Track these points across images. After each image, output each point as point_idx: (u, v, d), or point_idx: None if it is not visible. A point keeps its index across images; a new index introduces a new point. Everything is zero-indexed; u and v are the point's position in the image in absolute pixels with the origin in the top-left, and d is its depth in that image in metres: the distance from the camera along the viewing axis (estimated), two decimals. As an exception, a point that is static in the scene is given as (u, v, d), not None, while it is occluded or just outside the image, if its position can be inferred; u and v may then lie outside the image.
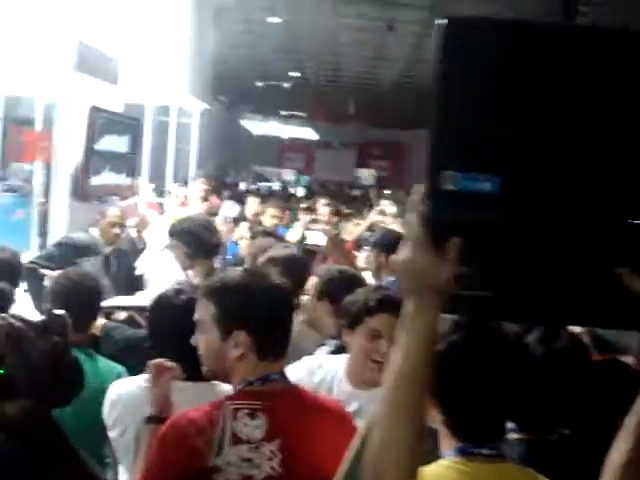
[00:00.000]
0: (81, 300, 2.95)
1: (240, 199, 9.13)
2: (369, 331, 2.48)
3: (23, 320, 1.50)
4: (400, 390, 1.17)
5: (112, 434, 2.32)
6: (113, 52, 7.00)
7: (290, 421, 1.91)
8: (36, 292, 4.28)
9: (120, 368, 2.90)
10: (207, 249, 4.15)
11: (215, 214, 6.93)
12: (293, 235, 6.74)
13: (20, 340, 1.45)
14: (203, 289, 2.08)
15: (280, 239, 5.53)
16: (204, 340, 1.99)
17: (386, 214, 7.56)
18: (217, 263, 4.58)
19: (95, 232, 5.04)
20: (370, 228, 6.89)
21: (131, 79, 7.67)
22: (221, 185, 9.18)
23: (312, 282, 3.59)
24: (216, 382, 2.21)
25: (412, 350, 1.16)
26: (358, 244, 6.47)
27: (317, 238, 6.34)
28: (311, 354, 2.90)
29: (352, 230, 7.40)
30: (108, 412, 2.31)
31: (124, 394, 2.33)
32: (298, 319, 3.56)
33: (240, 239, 6.25)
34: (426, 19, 12.25)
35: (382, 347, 2.40)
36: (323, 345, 3.06)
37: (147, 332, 2.68)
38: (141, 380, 2.28)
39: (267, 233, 5.91)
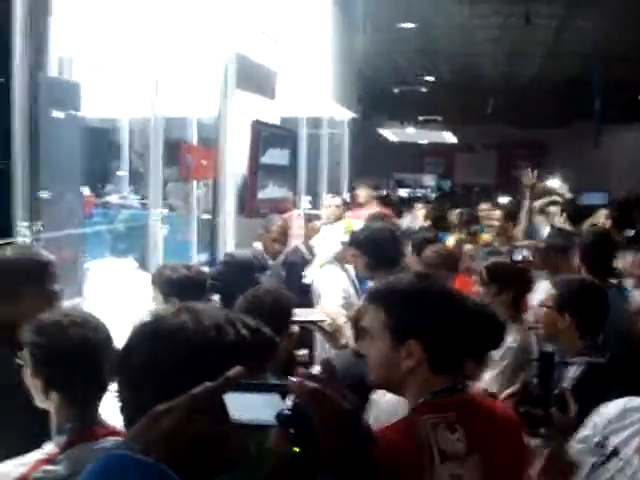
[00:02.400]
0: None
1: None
2: None
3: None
4: None
5: None
6: (271, 66, 7.03)
7: (482, 432, 1.77)
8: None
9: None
10: (389, 260, 3.97)
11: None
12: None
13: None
14: (372, 294, 1.94)
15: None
16: (373, 348, 1.84)
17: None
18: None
19: (259, 246, 5.00)
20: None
21: (285, 92, 7.71)
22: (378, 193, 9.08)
23: (549, 293, 3.35)
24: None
25: None
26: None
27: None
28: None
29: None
30: None
31: None
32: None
33: None
34: (563, 12, 11.80)
35: None
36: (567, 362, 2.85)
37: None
38: None
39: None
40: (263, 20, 6.69)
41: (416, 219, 8.73)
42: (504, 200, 13.22)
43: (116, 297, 6.73)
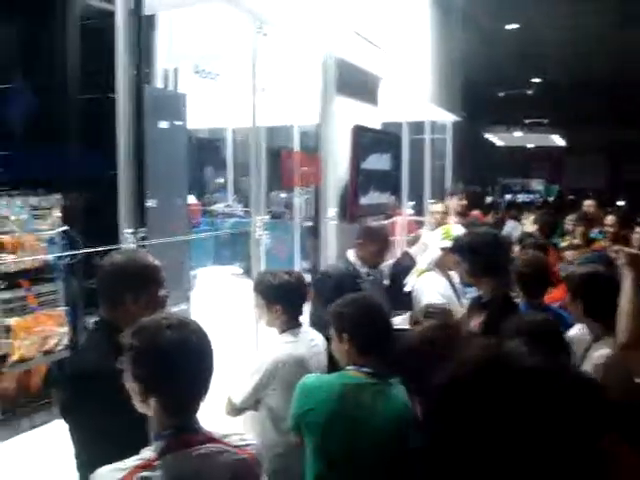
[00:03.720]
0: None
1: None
2: None
3: None
4: None
5: None
6: (374, 72, 7.00)
7: None
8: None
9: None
10: (492, 266, 3.83)
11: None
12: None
13: None
14: None
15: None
16: None
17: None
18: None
19: (351, 255, 4.93)
20: None
21: (388, 96, 7.66)
22: (479, 199, 8.88)
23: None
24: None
25: None
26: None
27: None
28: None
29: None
30: None
31: None
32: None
33: None
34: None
35: None
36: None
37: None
38: None
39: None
40: (364, 25, 6.66)
41: (519, 226, 8.47)
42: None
43: (221, 303, 6.86)
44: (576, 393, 1.10)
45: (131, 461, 1.91)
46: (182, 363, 1.97)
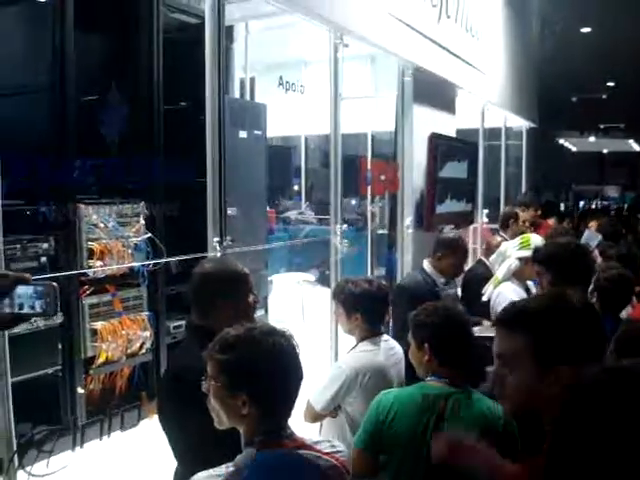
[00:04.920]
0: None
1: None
2: None
3: None
4: None
5: None
6: (449, 79, 6.99)
7: None
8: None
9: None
10: (575, 276, 3.77)
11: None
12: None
13: None
14: (506, 319, 1.82)
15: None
16: (515, 376, 1.75)
17: None
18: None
19: (427, 265, 4.91)
20: None
21: (462, 104, 7.64)
22: (553, 207, 8.69)
23: None
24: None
25: None
26: None
27: None
28: None
29: None
30: None
31: None
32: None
33: None
34: None
35: None
36: None
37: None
38: None
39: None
40: (440, 34, 6.66)
41: (597, 235, 8.27)
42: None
43: (295, 310, 6.94)
44: None
45: (225, 467, 1.95)
46: (282, 369, 2.01)
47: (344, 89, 5.94)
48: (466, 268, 6.13)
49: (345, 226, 5.41)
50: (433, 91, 6.70)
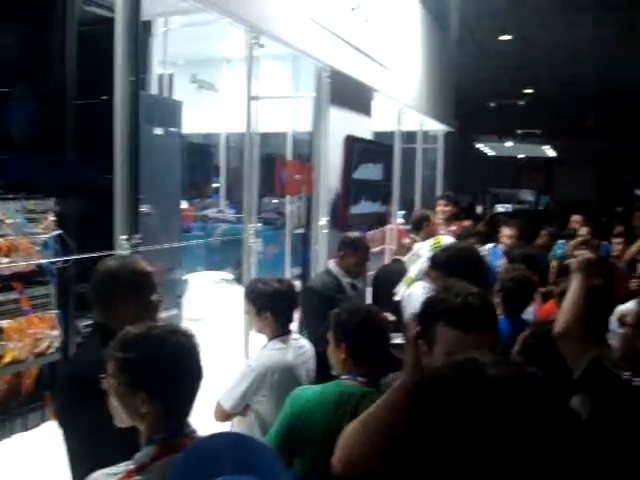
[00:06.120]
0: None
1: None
2: None
3: None
4: None
5: None
6: (365, 82, 7.06)
7: None
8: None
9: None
10: (471, 282, 3.86)
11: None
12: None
13: None
14: None
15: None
16: None
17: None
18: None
19: (332, 264, 4.98)
20: None
21: (378, 106, 7.72)
22: (470, 209, 8.87)
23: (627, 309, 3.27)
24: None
25: None
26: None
27: None
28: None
29: (620, 250, 6.88)
30: None
31: None
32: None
33: None
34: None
35: None
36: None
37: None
38: None
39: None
40: (358, 37, 6.73)
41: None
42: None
43: (211, 309, 6.89)
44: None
45: (124, 465, 1.94)
46: (182, 368, 2.02)
47: (263, 88, 5.94)
48: (379, 267, 6.26)
49: (259, 225, 5.41)
50: (350, 93, 6.76)
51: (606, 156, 23.71)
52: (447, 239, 5.17)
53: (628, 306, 3.70)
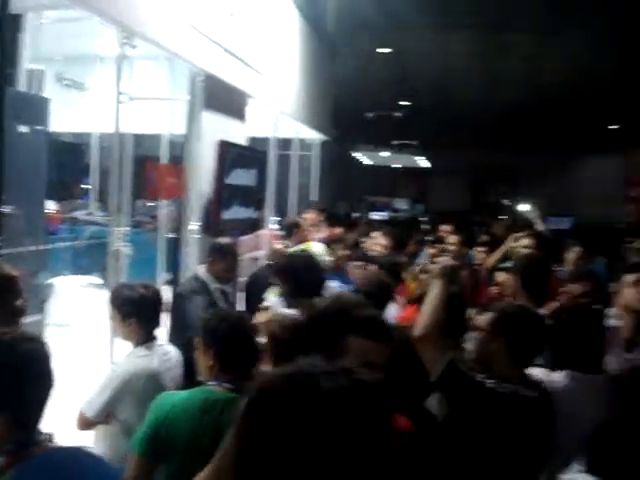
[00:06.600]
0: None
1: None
2: None
3: None
4: None
5: None
6: (242, 88, 7.05)
7: None
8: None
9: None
10: (307, 288, 3.96)
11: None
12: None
13: None
14: None
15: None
16: None
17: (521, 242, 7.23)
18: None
19: (202, 270, 4.98)
20: (505, 256, 6.59)
21: (254, 113, 7.73)
22: (330, 216, 8.95)
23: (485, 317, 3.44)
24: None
25: None
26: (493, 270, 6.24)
27: None
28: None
29: (483, 258, 7.19)
30: None
31: None
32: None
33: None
34: (538, 41, 12.04)
35: None
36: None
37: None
38: None
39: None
40: (234, 43, 6.71)
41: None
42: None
43: (78, 314, 6.69)
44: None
45: None
46: (33, 376, 1.96)
47: (138, 88, 5.83)
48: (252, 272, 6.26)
49: (128, 229, 5.30)
50: (225, 98, 6.73)
51: (478, 167, 24.68)
52: (316, 246, 5.26)
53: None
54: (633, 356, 3.88)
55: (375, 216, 20.05)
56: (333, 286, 4.95)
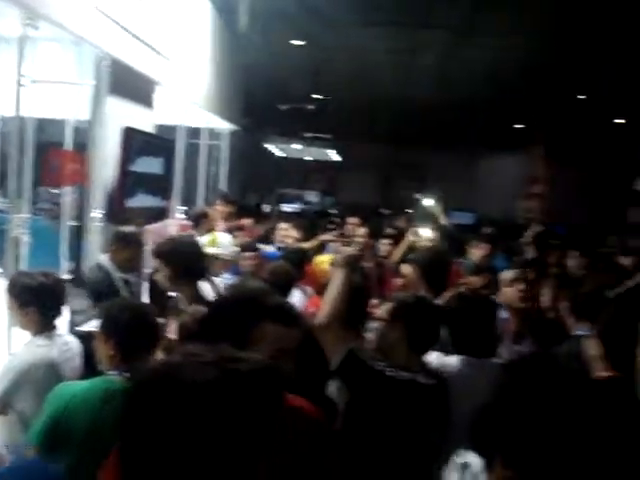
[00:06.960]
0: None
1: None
2: None
3: None
4: None
5: None
6: (150, 75, 6.94)
7: None
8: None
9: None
10: (190, 272, 4.00)
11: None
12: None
13: None
14: None
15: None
16: None
17: (422, 236, 7.42)
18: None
19: (105, 258, 4.92)
20: (411, 248, 6.74)
21: (163, 100, 7.63)
22: (240, 207, 8.94)
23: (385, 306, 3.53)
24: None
25: None
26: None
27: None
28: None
29: (388, 250, 7.34)
30: None
31: None
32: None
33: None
34: (450, 39, 12.30)
35: None
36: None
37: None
38: None
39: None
40: (142, 28, 6.60)
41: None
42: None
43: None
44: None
45: None
46: None
47: (42, 71, 5.65)
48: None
49: (28, 216, 5.16)
50: (131, 84, 6.61)
51: (388, 162, 25.04)
52: (223, 236, 5.25)
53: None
54: (521, 348, 4.07)
55: (286, 208, 20.06)
56: (226, 278, 5.00)
